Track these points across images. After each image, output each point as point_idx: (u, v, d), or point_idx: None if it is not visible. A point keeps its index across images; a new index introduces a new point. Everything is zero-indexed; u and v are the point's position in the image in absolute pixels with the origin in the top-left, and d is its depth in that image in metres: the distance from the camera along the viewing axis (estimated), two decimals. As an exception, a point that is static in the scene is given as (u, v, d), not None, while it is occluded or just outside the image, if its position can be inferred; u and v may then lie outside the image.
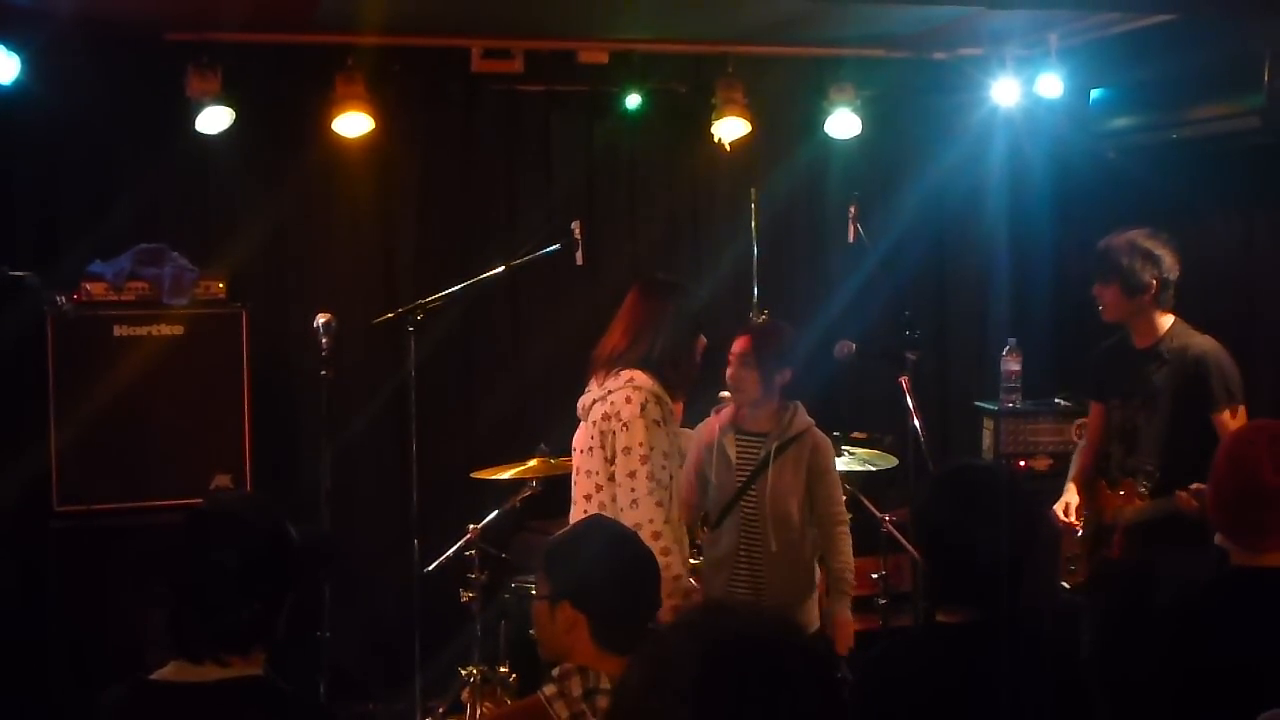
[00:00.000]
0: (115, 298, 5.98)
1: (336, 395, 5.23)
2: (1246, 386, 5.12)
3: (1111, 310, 5.25)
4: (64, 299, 5.49)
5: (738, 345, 5.03)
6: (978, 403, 7.18)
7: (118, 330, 5.95)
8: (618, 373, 4.51)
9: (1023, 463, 6.78)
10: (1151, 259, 5.13)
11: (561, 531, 3.44)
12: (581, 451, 4.61)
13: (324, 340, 4.87)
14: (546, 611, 3.11)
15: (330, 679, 5.63)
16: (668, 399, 4.53)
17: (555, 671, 3.05)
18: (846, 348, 5.68)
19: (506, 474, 5.81)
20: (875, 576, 5.89)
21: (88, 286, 5.95)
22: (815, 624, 5.09)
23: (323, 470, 5.48)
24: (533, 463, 5.81)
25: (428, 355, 5.85)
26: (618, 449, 4.44)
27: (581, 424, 4.66)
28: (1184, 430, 5.03)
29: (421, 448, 5.75)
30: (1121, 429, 5.26)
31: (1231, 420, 4.98)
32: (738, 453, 5.03)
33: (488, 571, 5.68)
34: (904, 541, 5.62)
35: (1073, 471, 5.49)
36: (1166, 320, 5.20)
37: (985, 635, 2.99)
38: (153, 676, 2.80)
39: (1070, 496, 5.39)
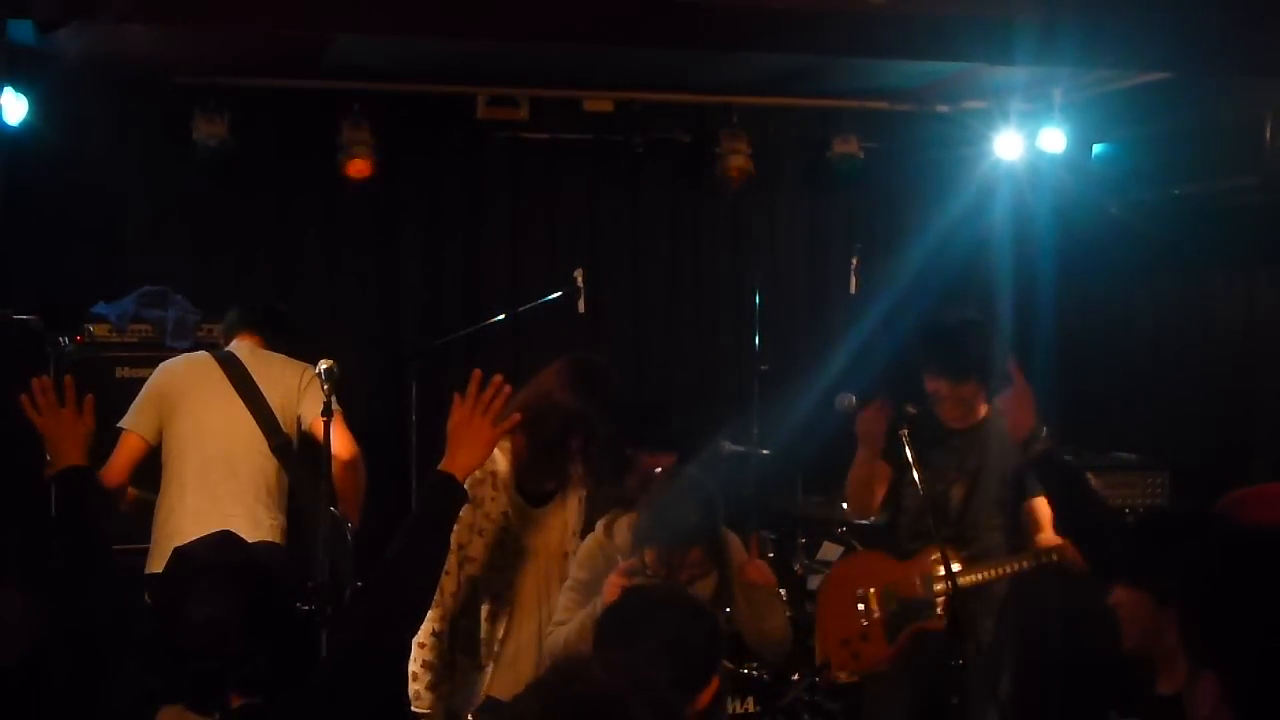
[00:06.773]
0: (118, 339, 5.96)
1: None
2: (1247, 443, 5.07)
3: (969, 411, 5.05)
4: (67, 340, 5.49)
5: None
6: (979, 454, 7.16)
7: (120, 372, 5.91)
8: None
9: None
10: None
11: None
12: None
13: (325, 387, 4.84)
14: None
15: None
16: None
17: None
18: (847, 400, 5.63)
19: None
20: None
21: (91, 328, 5.94)
22: None
23: (321, 515, 5.46)
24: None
25: (430, 401, 5.85)
26: None
27: None
28: (1010, 509, 4.94)
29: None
30: (930, 501, 4.80)
31: (1044, 505, 4.80)
32: None
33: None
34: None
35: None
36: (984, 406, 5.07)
37: None
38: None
39: None
